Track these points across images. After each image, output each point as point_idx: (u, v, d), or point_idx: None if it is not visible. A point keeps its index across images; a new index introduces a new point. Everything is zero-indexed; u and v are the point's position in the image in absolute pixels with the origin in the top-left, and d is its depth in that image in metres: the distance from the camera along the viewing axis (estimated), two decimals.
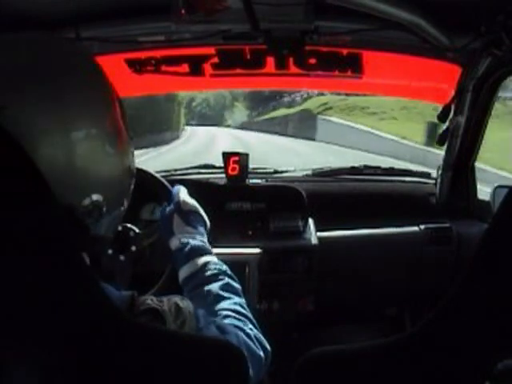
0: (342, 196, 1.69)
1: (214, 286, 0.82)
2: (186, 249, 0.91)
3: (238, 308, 0.78)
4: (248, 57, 1.43)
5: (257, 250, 1.42)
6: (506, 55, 1.19)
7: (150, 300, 0.61)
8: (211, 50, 1.43)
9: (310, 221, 1.54)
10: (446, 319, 0.43)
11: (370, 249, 1.59)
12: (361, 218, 1.62)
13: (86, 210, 0.56)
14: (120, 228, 1.22)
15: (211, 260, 0.89)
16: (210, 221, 1.35)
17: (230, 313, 0.76)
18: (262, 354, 0.72)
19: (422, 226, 1.61)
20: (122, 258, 1.21)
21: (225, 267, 0.88)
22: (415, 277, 1.61)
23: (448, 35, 1.15)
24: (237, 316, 0.75)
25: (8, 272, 0.38)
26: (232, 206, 1.55)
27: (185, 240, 0.92)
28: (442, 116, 1.54)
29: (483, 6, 1.04)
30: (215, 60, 1.46)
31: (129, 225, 1.25)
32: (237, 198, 1.55)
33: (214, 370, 0.51)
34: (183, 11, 1.05)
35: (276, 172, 1.84)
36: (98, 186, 0.57)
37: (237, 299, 0.81)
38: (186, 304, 0.64)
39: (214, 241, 1.38)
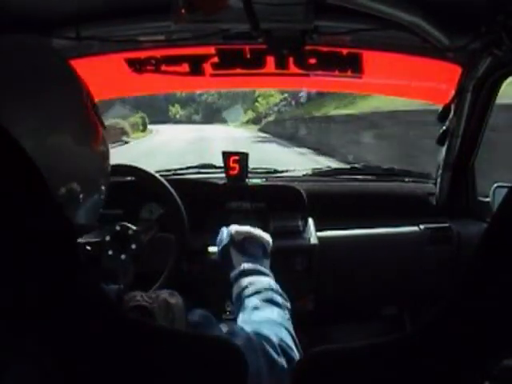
0: (341, 196, 1.69)
1: (255, 298, 0.83)
2: (234, 273, 0.93)
3: (274, 317, 0.77)
4: (248, 56, 1.43)
5: None
6: (506, 55, 1.19)
7: (140, 296, 0.61)
8: (211, 50, 1.43)
9: (310, 220, 1.54)
10: (445, 319, 0.44)
11: (369, 248, 1.59)
12: (361, 217, 1.62)
13: (63, 199, 0.56)
14: (118, 228, 1.22)
15: (257, 279, 0.90)
16: (210, 220, 1.36)
17: (261, 323, 0.75)
18: (281, 360, 0.68)
19: (422, 226, 1.61)
20: (123, 257, 1.22)
21: (274, 286, 0.89)
22: (415, 276, 1.61)
23: (448, 35, 1.15)
24: (268, 325, 0.74)
25: (5, 270, 0.38)
26: (232, 205, 1.55)
27: (240, 268, 0.94)
28: (442, 116, 1.54)
29: (483, 5, 1.04)
30: (215, 60, 1.46)
31: (127, 223, 1.25)
32: (236, 198, 1.55)
33: (211, 366, 0.51)
34: (183, 11, 1.05)
35: (276, 171, 1.85)
36: (73, 174, 0.58)
37: (277, 310, 0.80)
38: (175, 300, 0.64)
39: (214, 240, 1.39)
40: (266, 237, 1.05)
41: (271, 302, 0.83)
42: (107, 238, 1.20)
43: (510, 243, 0.41)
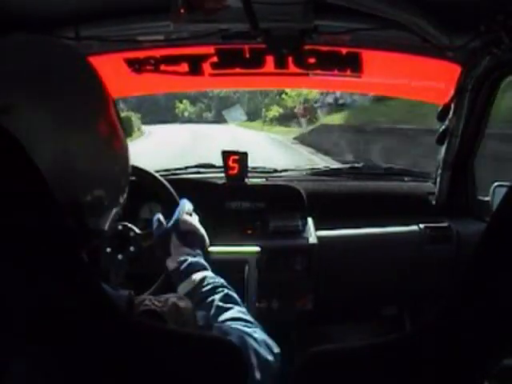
0: (341, 195, 1.69)
1: (215, 299, 0.83)
2: (183, 267, 0.93)
3: (242, 315, 0.78)
4: (247, 56, 1.43)
5: (256, 249, 1.42)
6: (506, 54, 1.19)
7: (149, 300, 0.61)
8: (210, 50, 1.43)
9: (310, 220, 1.54)
10: (445, 318, 0.44)
11: (369, 248, 1.59)
12: (360, 217, 1.62)
13: (89, 205, 0.56)
14: (120, 227, 1.22)
15: (208, 275, 0.91)
16: (210, 220, 1.35)
17: (234, 322, 0.76)
18: (270, 357, 0.71)
19: (422, 225, 1.61)
20: (119, 257, 1.22)
21: (222, 280, 0.90)
22: (415, 276, 1.61)
23: (447, 34, 1.15)
24: (242, 323, 0.75)
25: (7, 271, 0.38)
26: (231, 205, 1.55)
27: (182, 259, 0.94)
28: (442, 115, 1.54)
29: (483, 5, 1.04)
30: (214, 59, 1.45)
31: (130, 225, 1.25)
32: (236, 197, 1.55)
33: (212, 367, 0.51)
34: (182, 10, 1.05)
35: (275, 171, 1.84)
36: (99, 181, 0.58)
37: (238, 308, 0.81)
38: (185, 304, 0.64)
39: (214, 240, 1.39)
40: (205, 235, 1.06)
41: (229, 299, 0.84)
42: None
43: (509, 242, 0.41)
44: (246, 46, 1.40)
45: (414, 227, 1.62)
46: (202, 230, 1.06)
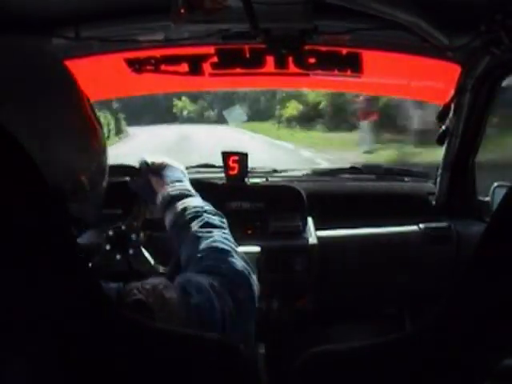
0: (341, 195, 1.69)
1: (193, 228, 0.83)
2: (165, 200, 0.92)
3: (216, 244, 0.78)
4: (247, 56, 1.43)
5: (256, 249, 1.42)
6: (506, 54, 1.19)
7: (136, 289, 0.62)
8: (211, 50, 1.43)
9: (310, 220, 1.54)
10: (446, 318, 0.44)
11: (369, 248, 1.59)
12: (360, 217, 1.62)
13: (71, 191, 0.59)
14: (111, 233, 1.23)
15: (190, 203, 0.89)
16: None
17: (208, 253, 0.76)
18: (243, 292, 0.71)
19: (422, 226, 1.61)
20: (131, 252, 1.22)
21: (205, 206, 0.89)
22: (415, 276, 1.61)
23: (447, 34, 1.15)
24: (214, 255, 0.76)
25: (6, 271, 0.38)
26: (231, 205, 1.55)
27: (164, 192, 0.93)
28: (442, 115, 1.54)
29: (482, 5, 1.04)
30: (215, 59, 1.46)
31: (135, 224, 1.25)
32: (236, 198, 1.55)
33: (210, 367, 0.51)
34: (182, 11, 1.05)
35: (275, 171, 1.84)
36: (81, 168, 0.61)
37: (216, 234, 0.81)
38: (170, 294, 0.64)
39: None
40: (182, 167, 1.05)
41: (209, 226, 0.84)
42: (108, 248, 1.20)
43: (509, 242, 0.41)
44: (246, 46, 1.40)
45: (414, 227, 1.62)
46: (175, 162, 1.04)
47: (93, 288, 0.45)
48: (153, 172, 0.99)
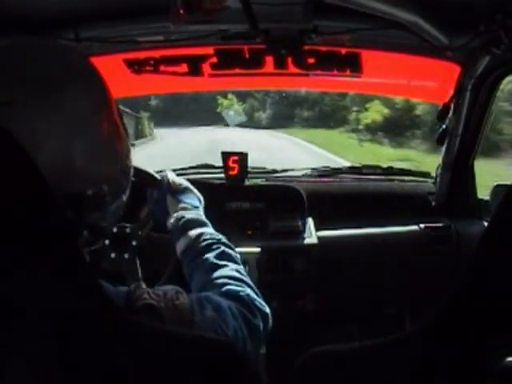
0: (341, 195, 1.69)
1: (210, 256, 0.82)
2: (180, 223, 0.92)
3: (235, 274, 0.78)
4: (247, 56, 1.43)
5: (256, 250, 1.42)
6: (505, 54, 1.19)
7: (147, 294, 0.61)
8: (210, 50, 1.43)
9: (310, 220, 1.54)
10: (445, 318, 0.44)
11: (369, 248, 1.59)
12: (360, 217, 1.62)
13: (91, 199, 0.58)
14: (115, 230, 1.22)
15: (205, 231, 0.89)
16: (210, 220, 1.35)
17: (226, 280, 0.76)
18: (258, 321, 0.71)
19: (422, 225, 1.61)
20: (126, 256, 1.21)
21: (220, 236, 0.89)
22: (415, 276, 1.61)
23: (447, 34, 1.15)
24: (233, 282, 0.76)
25: (6, 269, 0.38)
26: (231, 205, 1.55)
27: (179, 215, 0.93)
28: (441, 115, 1.54)
29: (482, 5, 1.04)
30: (214, 60, 1.46)
31: (123, 223, 1.25)
32: (236, 198, 1.55)
33: (213, 369, 0.51)
34: (182, 11, 1.05)
35: (275, 172, 1.84)
36: (102, 177, 0.60)
37: (233, 266, 0.81)
38: (181, 300, 0.64)
39: None
40: (200, 195, 1.05)
41: (225, 256, 0.83)
42: (107, 242, 1.20)
43: (509, 242, 0.41)
44: (245, 46, 1.40)
45: (414, 227, 1.62)
46: (194, 188, 1.05)
47: (93, 288, 0.45)
48: (171, 192, 0.99)
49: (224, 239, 0.88)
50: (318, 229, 1.52)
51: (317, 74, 1.52)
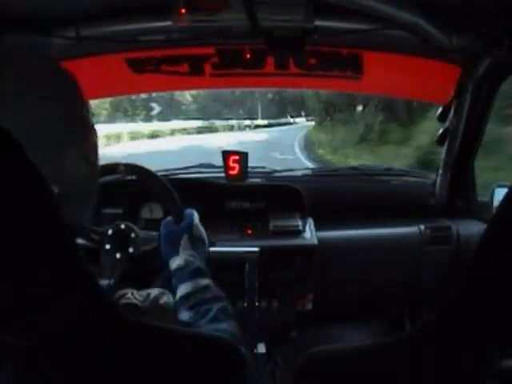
0: (341, 195, 1.70)
1: (214, 308, 0.83)
2: (191, 268, 0.93)
3: (231, 330, 0.79)
4: (248, 56, 1.43)
5: (256, 249, 1.42)
6: (506, 56, 1.19)
7: (131, 293, 0.62)
8: (211, 50, 1.43)
9: (310, 220, 1.55)
10: (445, 318, 0.44)
11: (369, 248, 1.59)
12: (360, 217, 1.62)
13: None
14: (123, 226, 1.23)
15: (212, 285, 0.91)
16: (210, 220, 1.35)
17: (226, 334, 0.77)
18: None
19: (422, 226, 1.61)
20: (117, 255, 1.22)
21: (224, 294, 0.90)
22: (415, 276, 1.61)
23: (448, 36, 1.15)
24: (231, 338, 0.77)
25: (5, 271, 0.38)
26: (231, 205, 1.55)
27: (190, 259, 0.94)
28: (442, 116, 1.54)
29: (483, 6, 1.04)
30: (215, 60, 1.46)
31: (132, 225, 1.25)
32: (236, 197, 1.55)
33: (210, 365, 0.51)
34: (183, 11, 1.05)
35: (275, 171, 1.84)
36: (50, 176, 0.58)
37: (232, 323, 0.82)
38: (165, 299, 0.65)
39: (214, 240, 1.39)
40: (208, 251, 1.09)
41: (226, 312, 0.84)
42: (109, 232, 1.21)
43: (509, 243, 0.41)
44: (246, 46, 1.40)
45: (414, 228, 1.62)
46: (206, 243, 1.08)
47: (91, 288, 0.45)
48: (190, 234, 1.01)
49: (226, 298, 0.90)
50: (317, 229, 1.52)
51: (318, 74, 1.52)
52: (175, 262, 0.95)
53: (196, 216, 1.07)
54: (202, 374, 0.50)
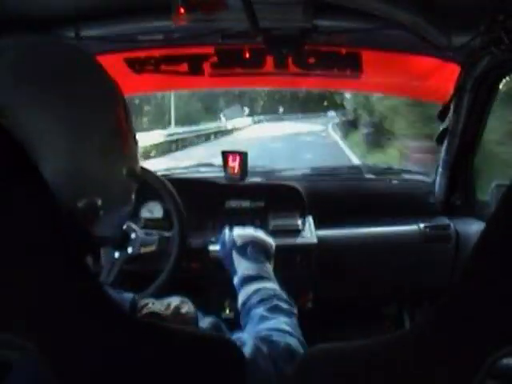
0: (340, 194, 1.70)
1: (261, 308, 0.83)
2: (241, 280, 0.93)
3: (281, 326, 0.77)
4: (247, 56, 1.43)
5: None
6: (506, 54, 1.19)
7: (152, 303, 0.61)
8: (210, 50, 1.43)
9: (309, 219, 1.55)
10: (445, 316, 0.44)
11: (369, 247, 1.59)
12: (360, 216, 1.62)
13: (80, 211, 0.54)
14: (124, 226, 1.23)
15: (264, 286, 0.90)
16: (210, 219, 1.35)
17: (270, 332, 0.75)
18: (289, 367, 0.68)
19: (421, 225, 1.61)
20: (116, 255, 1.22)
21: (278, 292, 0.89)
22: (414, 275, 1.61)
23: (447, 34, 1.15)
24: (276, 333, 0.74)
25: (9, 274, 0.38)
26: (231, 204, 1.55)
27: (244, 274, 0.94)
28: (441, 115, 1.54)
29: (482, 5, 1.04)
30: (214, 59, 1.46)
31: (133, 225, 1.25)
32: (236, 197, 1.56)
33: (210, 364, 0.51)
34: (182, 10, 1.05)
35: (275, 171, 1.85)
36: (95, 187, 0.55)
37: (282, 319, 0.80)
38: (187, 308, 0.64)
39: (214, 239, 1.39)
40: (269, 240, 1.05)
41: (277, 310, 0.83)
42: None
43: (508, 242, 0.41)
44: (245, 46, 1.40)
45: (414, 227, 1.62)
46: (263, 236, 1.05)
47: (92, 288, 0.45)
48: (237, 249, 1.00)
49: (281, 294, 0.89)
50: (317, 228, 1.53)
51: (317, 73, 1.52)
52: (235, 282, 0.96)
53: (237, 230, 1.06)
54: (201, 374, 0.50)
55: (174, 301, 0.64)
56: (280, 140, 14.44)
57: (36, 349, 0.40)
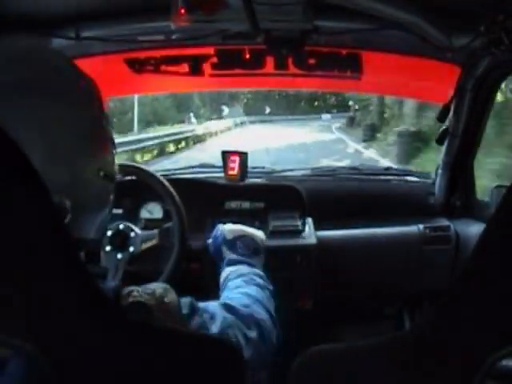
0: (340, 195, 1.70)
1: (238, 280, 0.87)
2: (226, 263, 0.99)
3: (252, 293, 0.81)
4: (247, 57, 1.43)
5: None
6: (506, 55, 1.19)
7: (136, 291, 0.61)
8: (211, 50, 1.44)
9: (309, 220, 1.55)
10: (445, 317, 0.44)
11: (368, 248, 1.59)
12: (360, 217, 1.62)
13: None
14: (122, 226, 1.23)
15: (244, 267, 0.94)
16: (210, 220, 1.35)
17: (238, 296, 0.79)
18: (253, 333, 0.73)
19: (421, 226, 1.61)
20: (119, 256, 1.22)
21: (257, 272, 0.93)
22: (414, 276, 1.61)
23: (447, 35, 1.15)
24: (243, 299, 0.79)
25: (9, 274, 0.38)
26: (231, 205, 1.55)
27: (231, 269, 0.97)
28: (442, 116, 1.54)
29: (483, 5, 1.04)
30: (215, 60, 1.46)
31: (131, 225, 1.26)
32: (236, 197, 1.56)
33: (209, 366, 0.51)
34: (183, 11, 1.05)
35: (275, 171, 1.85)
36: (63, 188, 0.54)
37: (255, 288, 0.84)
38: (170, 297, 0.65)
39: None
40: (259, 234, 1.09)
41: (252, 282, 0.87)
42: (108, 233, 1.21)
43: (508, 243, 0.41)
44: (246, 46, 1.40)
45: (414, 227, 1.62)
46: (253, 231, 1.09)
47: (92, 289, 0.45)
48: (226, 243, 1.04)
49: (261, 273, 0.93)
50: (317, 228, 1.53)
51: (317, 74, 1.52)
52: (222, 266, 1.00)
53: (228, 226, 1.10)
54: (200, 374, 0.50)
55: (158, 289, 0.64)
56: (281, 150, 10.43)
57: (35, 349, 0.40)
